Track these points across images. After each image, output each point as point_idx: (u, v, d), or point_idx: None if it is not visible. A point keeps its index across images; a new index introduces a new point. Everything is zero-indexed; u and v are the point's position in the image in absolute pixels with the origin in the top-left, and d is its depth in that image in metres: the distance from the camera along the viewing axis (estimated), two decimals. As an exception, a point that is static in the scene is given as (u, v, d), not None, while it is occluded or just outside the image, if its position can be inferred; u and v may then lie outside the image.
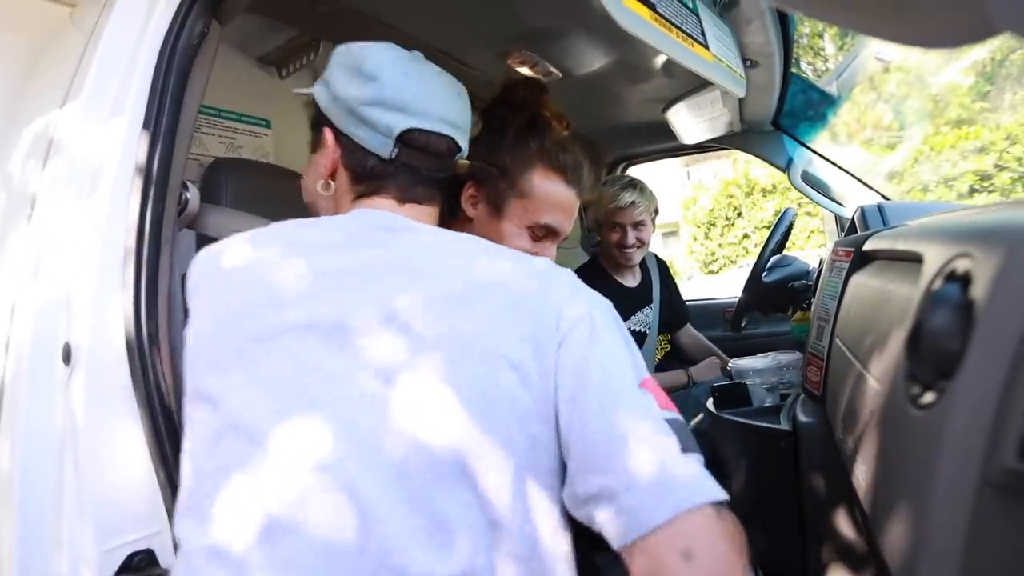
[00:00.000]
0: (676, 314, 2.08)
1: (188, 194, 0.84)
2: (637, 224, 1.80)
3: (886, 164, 8.93)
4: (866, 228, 1.31)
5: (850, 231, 1.41)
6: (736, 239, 12.72)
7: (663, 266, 2.10)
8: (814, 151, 1.92)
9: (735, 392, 1.18)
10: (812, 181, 1.90)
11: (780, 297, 1.52)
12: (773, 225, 1.64)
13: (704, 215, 13.33)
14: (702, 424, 0.81)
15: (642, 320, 1.92)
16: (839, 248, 0.93)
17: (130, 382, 0.71)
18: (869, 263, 0.80)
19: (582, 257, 2.21)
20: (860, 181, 1.84)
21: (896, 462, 0.47)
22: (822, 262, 1.33)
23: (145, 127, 0.75)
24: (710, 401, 1.19)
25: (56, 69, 0.86)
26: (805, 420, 0.92)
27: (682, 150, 2.47)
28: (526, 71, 1.52)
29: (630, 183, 1.83)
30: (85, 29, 0.84)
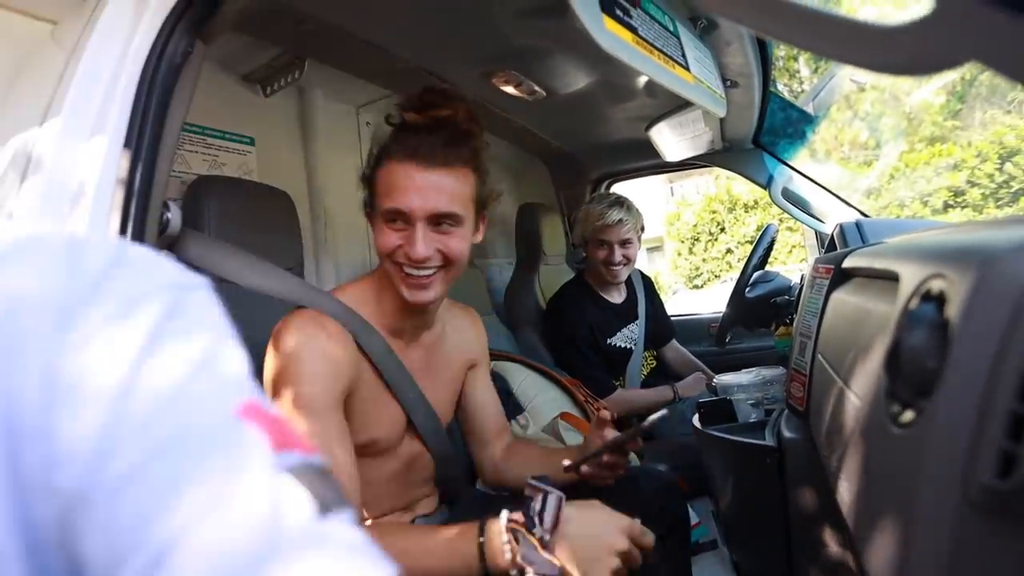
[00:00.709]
0: (661, 329, 2.09)
1: (169, 214, 0.83)
2: (624, 242, 1.82)
3: (864, 181, 9.15)
4: (845, 244, 1.33)
5: (830, 247, 1.44)
6: (720, 254, 12.90)
7: (648, 282, 2.11)
8: (794, 168, 1.96)
9: (721, 408, 1.19)
10: (792, 198, 1.94)
11: (763, 312, 1.54)
12: (756, 241, 1.67)
13: (688, 230, 13.51)
14: (660, 422, 0.80)
15: (628, 336, 1.93)
16: (819, 265, 0.95)
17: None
18: (849, 280, 0.82)
19: (568, 273, 2.22)
20: (839, 198, 1.88)
21: (878, 480, 0.47)
22: (803, 278, 1.35)
23: (127, 145, 0.74)
24: (696, 417, 1.20)
25: (36, 85, 0.85)
26: (790, 436, 0.92)
27: (665, 167, 2.51)
28: (511, 90, 1.53)
29: (617, 201, 1.84)
30: (66, 46, 0.83)
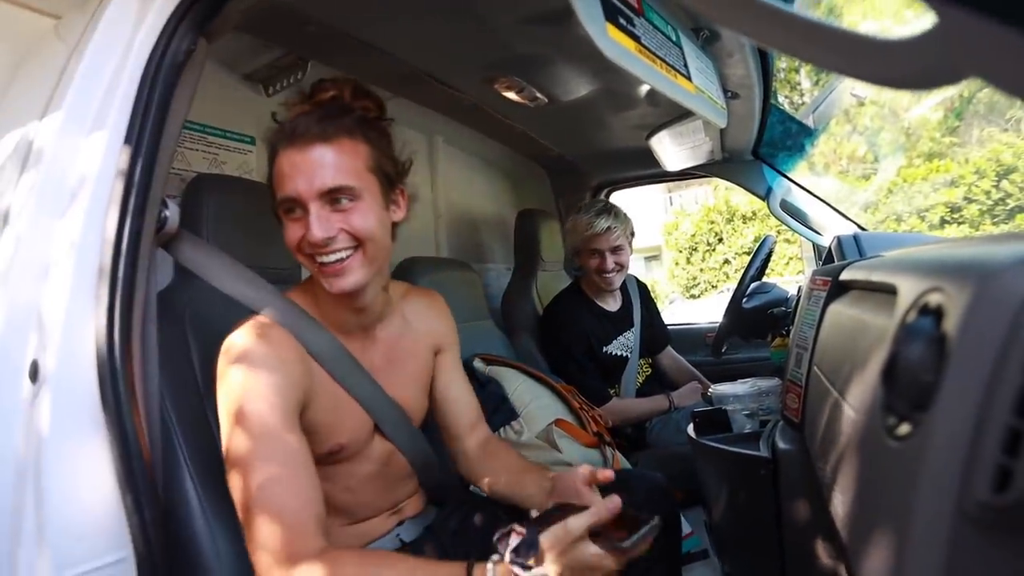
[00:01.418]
0: (657, 336, 2.09)
1: (168, 212, 0.82)
2: (615, 249, 1.82)
3: (862, 195, 9.20)
4: (843, 257, 1.34)
5: (827, 260, 1.44)
6: (717, 264, 12.91)
7: (643, 289, 2.11)
8: (793, 180, 1.97)
9: (715, 418, 1.19)
10: (791, 210, 1.95)
11: (760, 323, 1.54)
12: (753, 252, 1.67)
13: (686, 240, 13.53)
14: (649, 531, 0.77)
15: (624, 344, 1.92)
16: (817, 277, 0.95)
17: (100, 402, 0.69)
18: (846, 293, 0.82)
19: (566, 280, 2.22)
20: (836, 211, 1.89)
21: (873, 493, 0.47)
22: (800, 290, 1.35)
23: (127, 141, 0.74)
24: (691, 427, 1.20)
25: (37, 80, 0.85)
26: (784, 447, 0.92)
27: (665, 177, 2.52)
28: (512, 96, 1.54)
29: (604, 208, 1.84)
30: (69, 41, 0.83)
